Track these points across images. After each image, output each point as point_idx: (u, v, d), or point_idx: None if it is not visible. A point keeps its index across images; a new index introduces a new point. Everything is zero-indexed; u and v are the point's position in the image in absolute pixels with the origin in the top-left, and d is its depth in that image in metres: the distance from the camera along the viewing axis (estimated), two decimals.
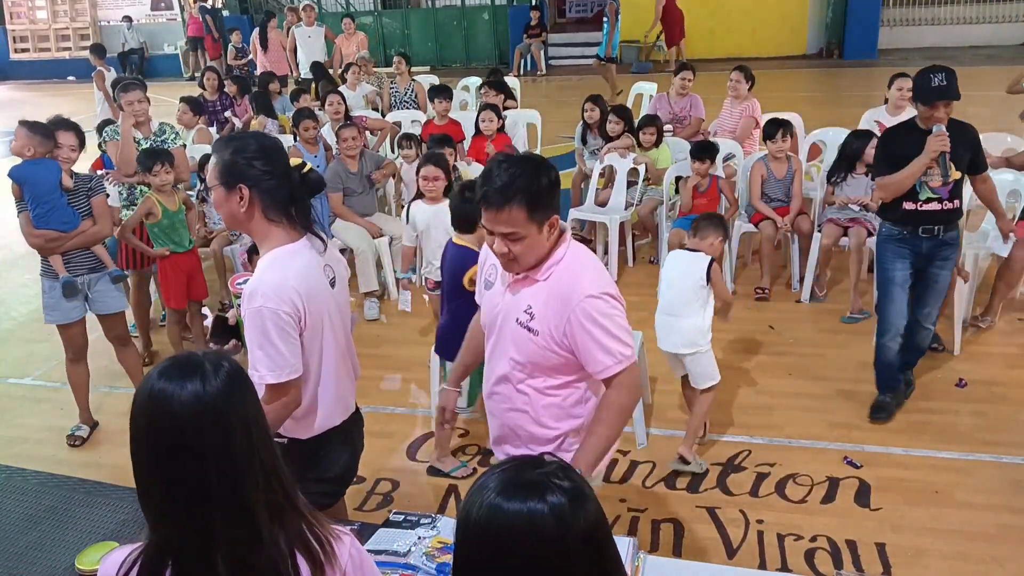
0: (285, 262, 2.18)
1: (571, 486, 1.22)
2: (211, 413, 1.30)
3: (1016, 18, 15.19)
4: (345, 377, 2.50)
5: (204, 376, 1.31)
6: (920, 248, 3.80)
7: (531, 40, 15.56)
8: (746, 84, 6.35)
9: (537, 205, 2.03)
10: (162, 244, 4.66)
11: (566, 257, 2.15)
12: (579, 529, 1.18)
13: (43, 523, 3.48)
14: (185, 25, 17.35)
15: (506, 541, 1.18)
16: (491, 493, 1.21)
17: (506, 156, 2.15)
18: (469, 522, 1.22)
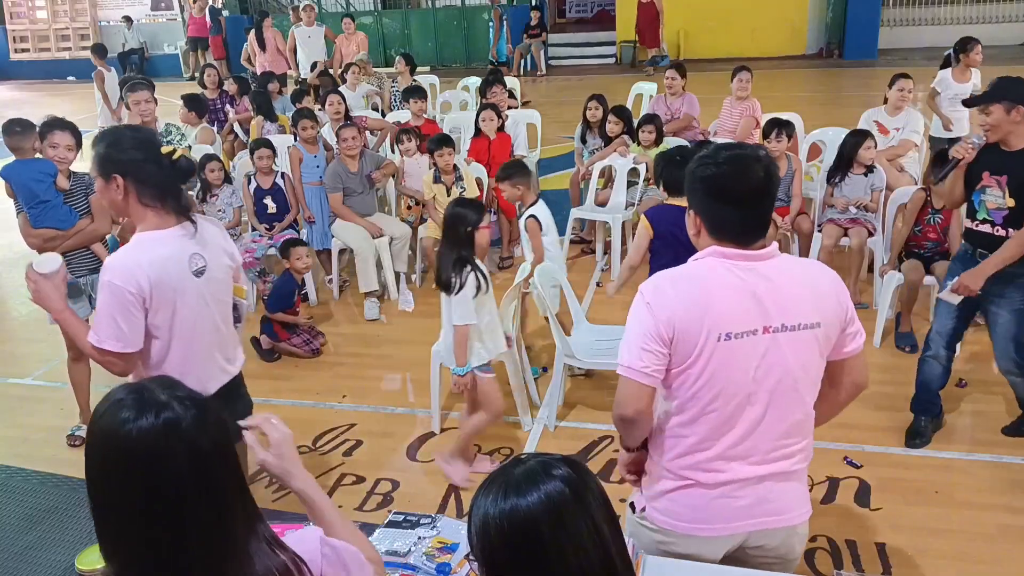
0: (147, 246, 2.40)
1: (562, 458, 1.34)
2: (183, 443, 1.23)
3: (1016, 18, 15.20)
4: (204, 360, 2.61)
5: (167, 407, 1.24)
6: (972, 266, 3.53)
7: (531, 40, 15.56)
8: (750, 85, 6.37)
9: None
10: None
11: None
12: (592, 485, 1.31)
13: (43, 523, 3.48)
14: (185, 25, 17.35)
15: (537, 530, 1.24)
16: (500, 500, 1.26)
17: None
18: (490, 534, 1.26)
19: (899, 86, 5.73)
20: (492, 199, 6.28)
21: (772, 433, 1.96)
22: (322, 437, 4.17)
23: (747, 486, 1.99)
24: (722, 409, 1.94)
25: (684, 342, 1.89)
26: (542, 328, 4.30)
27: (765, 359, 1.90)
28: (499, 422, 3.87)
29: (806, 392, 1.97)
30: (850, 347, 1.99)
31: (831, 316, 1.93)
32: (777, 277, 1.91)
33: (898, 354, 4.65)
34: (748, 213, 1.91)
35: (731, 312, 1.88)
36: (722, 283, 1.90)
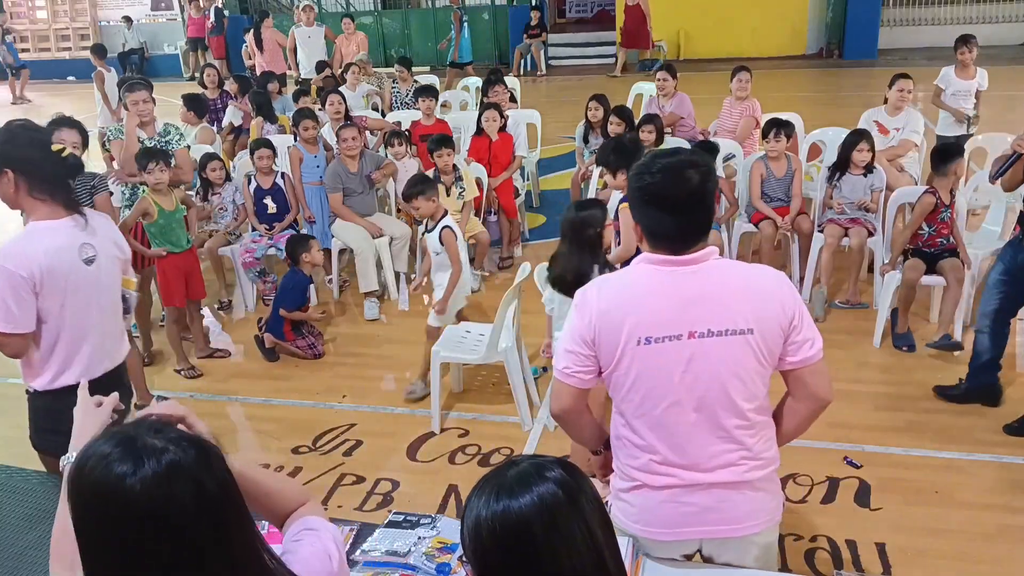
0: (40, 235, 2.54)
1: (556, 460, 1.33)
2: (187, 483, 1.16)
3: (1016, 18, 15.19)
4: (92, 346, 2.75)
5: (165, 451, 1.16)
6: (1018, 258, 3.73)
7: (531, 40, 15.56)
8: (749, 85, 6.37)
9: None
10: (159, 244, 4.67)
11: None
12: (586, 488, 1.31)
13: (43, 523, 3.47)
14: (185, 25, 17.34)
15: (530, 532, 1.23)
16: (493, 502, 1.26)
17: None
18: (483, 536, 1.26)
19: (899, 86, 5.73)
20: (493, 199, 6.28)
21: (708, 439, 1.94)
22: (322, 437, 4.17)
23: (694, 492, 1.97)
24: (651, 413, 1.95)
25: (606, 344, 1.92)
26: (542, 328, 4.29)
27: (691, 364, 1.89)
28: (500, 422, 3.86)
29: (742, 399, 1.92)
30: (797, 357, 1.93)
31: (769, 322, 1.88)
32: (708, 282, 1.90)
33: (897, 354, 4.65)
34: (683, 219, 1.89)
35: (652, 317, 1.88)
36: (646, 288, 1.91)
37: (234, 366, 5.07)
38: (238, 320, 5.72)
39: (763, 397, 1.97)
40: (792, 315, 1.90)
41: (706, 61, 14.24)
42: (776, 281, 1.94)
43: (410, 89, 8.44)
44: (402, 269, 5.83)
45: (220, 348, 5.18)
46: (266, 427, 4.33)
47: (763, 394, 1.96)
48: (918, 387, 4.27)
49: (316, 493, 3.70)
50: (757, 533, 2.02)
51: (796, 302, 1.92)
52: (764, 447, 2.00)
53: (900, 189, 5.15)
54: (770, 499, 2.04)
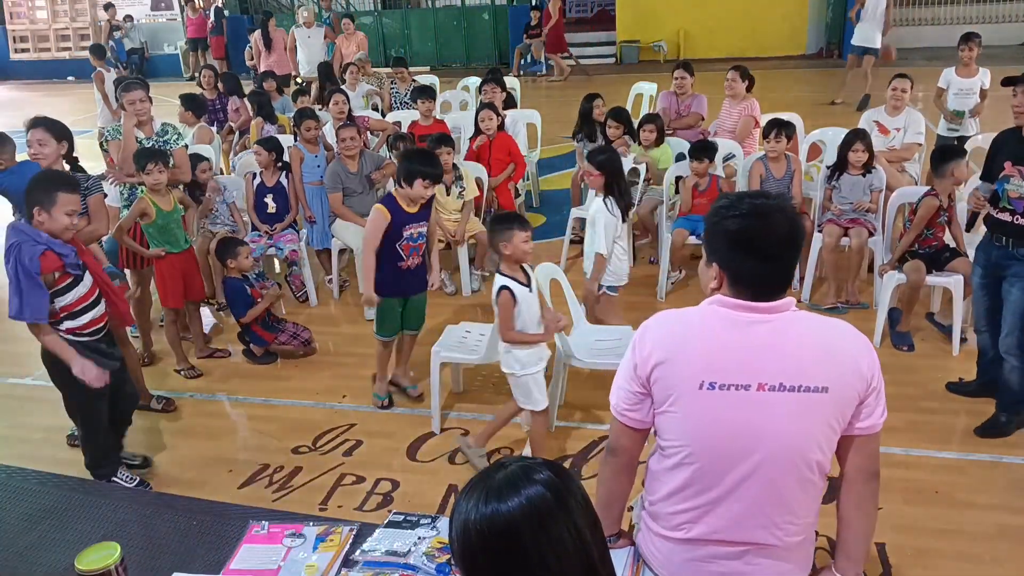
0: None
1: (544, 462, 1.32)
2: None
3: (1016, 18, 15.20)
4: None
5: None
6: (991, 256, 3.77)
7: (531, 40, 15.56)
8: (743, 84, 6.34)
9: None
10: (157, 244, 4.67)
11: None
12: (575, 490, 1.28)
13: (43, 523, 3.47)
14: (185, 25, 17.34)
15: (518, 535, 1.22)
16: (481, 505, 1.25)
17: None
18: (471, 539, 1.25)
19: (892, 86, 5.74)
20: (492, 199, 6.28)
21: (760, 502, 1.81)
22: (322, 437, 4.17)
23: (722, 555, 1.87)
24: (702, 462, 1.82)
25: (662, 384, 1.82)
26: None
27: (757, 418, 1.76)
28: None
29: (807, 465, 1.78)
30: (862, 423, 1.80)
31: (846, 383, 1.75)
32: (785, 333, 1.77)
33: (897, 354, 4.65)
34: (772, 267, 1.78)
35: (719, 361, 1.77)
36: (715, 331, 1.79)
37: (234, 366, 5.07)
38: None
39: (828, 464, 1.83)
40: (870, 379, 1.77)
41: (706, 61, 14.23)
42: (855, 341, 1.80)
43: (409, 88, 8.45)
44: None
45: (220, 348, 5.18)
46: (266, 427, 4.33)
47: (829, 461, 1.83)
48: (918, 387, 4.27)
49: (316, 493, 3.70)
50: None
51: (874, 365, 1.79)
52: (811, 512, 1.88)
53: (900, 189, 5.15)
54: (799, 567, 1.91)
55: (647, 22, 15.94)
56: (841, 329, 1.82)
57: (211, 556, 2.13)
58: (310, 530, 2.20)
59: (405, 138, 6.18)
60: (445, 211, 5.75)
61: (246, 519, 2.26)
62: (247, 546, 2.15)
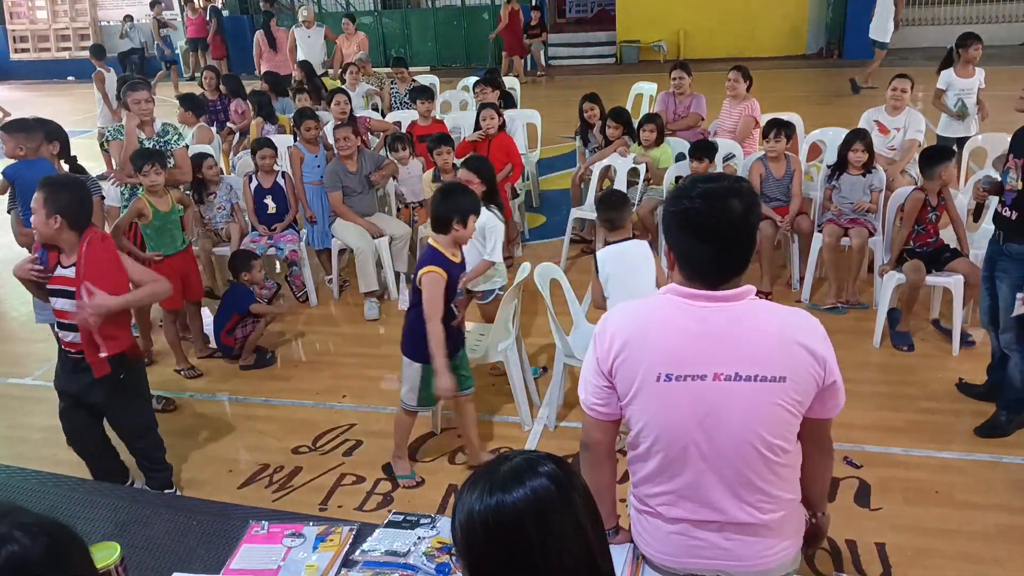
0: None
1: (548, 456, 1.33)
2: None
3: (1016, 18, 15.20)
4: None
5: (9, 539, 1.02)
6: (989, 251, 3.81)
7: (531, 40, 15.56)
8: (744, 84, 6.34)
9: None
10: (154, 245, 4.66)
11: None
12: (578, 484, 1.30)
13: None
14: (184, 25, 17.31)
15: (522, 526, 1.23)
16: (486, 496, 1.25)
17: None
18: (475, 530, 1.25)
19: (892, 86, 5.74)
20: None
21: (729, 483, 1.84)
22: (322, 437, 4.17)
23: (705, 529, 1.90)
24: (667, 451, 1.85)
25: (622, 377, 1.84)
26: (542, 328, 4.30)
27: (715, 408, 1.78)
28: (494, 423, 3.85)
29: (767, 449, 1.80)
30: (816, 412, 1.84)
31: (804, 372, 1.77)
32: (741, 322, 1.78)
33: (897, 354, 4.65)
34: (722, 251, 1.78)
35: (675, 353, 1.78)
36: (671, 322, 1.80)
37: (234, 366, 5.07)
38: None
39: (791, 446, 1.86)
40: (828, 370, 1.79)
41: (706, 61, 14.24)
42: (813, 332, 1.80)
43: (408, 87, 8.44)
44: (402, 269, 5.83)
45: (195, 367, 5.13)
46: (266, 427, 4.33)
47: (791, 444, 1.86)
48: (918, 387, 4.27)
49: (316, 493, 3.70)
50: (774, 567, 1.94)
51: (829, 352, 1.80)
52: (786, 490, 1.90)
53: (899, 189, 5.14)
54: (785, 538, 1.95)
55: (647, 22, 15.94)
56: (800, 319, 1.83)
57: (211, 556, 2.13)
58: (310, 530, 2.20)
59: (403, 138, 6.18)
60: None
61: (246, 519, 2.26)
62: (247, 546, 2.15)
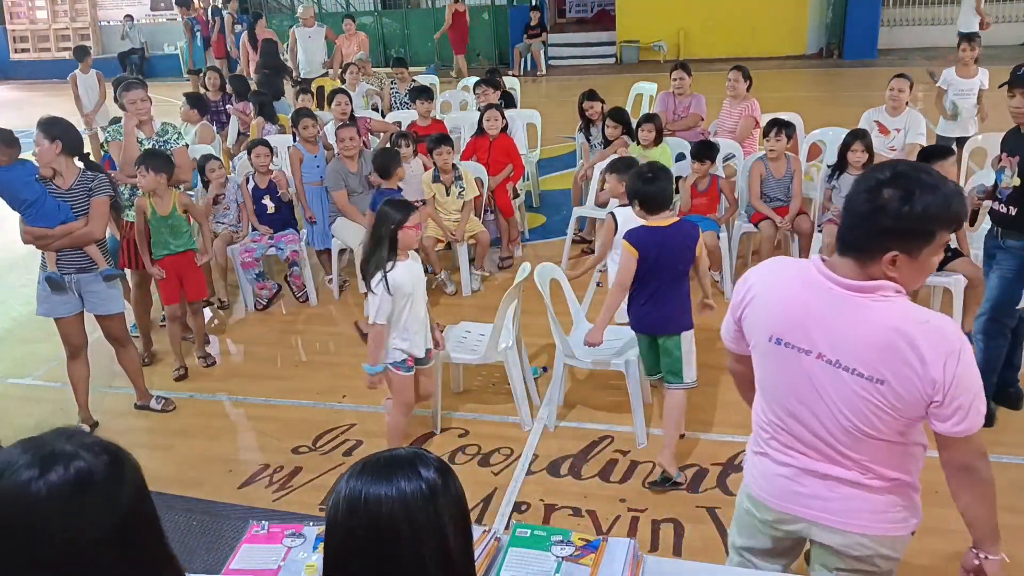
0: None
1: (437, 460, 1.31)
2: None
3: (1016, 18, 15.21)
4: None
5: (76, 457, 1.10)
6: (987, 246, 3.85)
7: (531, 40, 15.56)
8: (744, 84, 6.34)
9: None
10: (153, 243, 4.65)
11: None
12: (458, 497, 1.29)
13: None
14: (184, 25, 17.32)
15: (391, 524, 1.23)
16: (354, 482, 1.27)
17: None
18: (337, 509, 1.26)
19: (890, 86, 5.74)
20: (490, 198, 6.28)
21: (830, 445, 1.90)
22: (322, 437, 4.17)
23: (810, 477, 1.98)
24: (777, 407, 1.98)
25: (747, 327, 2.01)
26: (542, 328, 4.29)
27: (813, 384, 1.86)
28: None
29: (862, 433, 1.85)
30: (936, 425, 1.81)
31: (909, 384, 1.74)
32: (862, 313, 1.78)
33: None
34: (850, 228, 1.82)
35: (790, 320, 1.88)
36: (797, 291, 1.87)
37: (234, 366, 5.07)
38: (238, 320, 5.73)
39: (894, 437, 1.87)
40: (942, 387, 1.73)
41: (706, 61, 14.24)
42: (939, 346, 1.72)
43: (408, 87, 8.44)
44: None
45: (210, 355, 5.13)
46: (266, 427, 4.33)
47: (894, 436, 1.87)
48: None
49: (316, 493, 3.70)
50: (873, 535, 1.97)
51: (949, 371, 1.72)
52: (888, 467, 1.93)
53: None
54: (891, 512, 1.98)
55: (647, 22, 15.94)
56: (928, 330, 1.75)
57: (211, 556, 2.13)
58: (310, 530, 2.20)
59: (407, 136, 6.17)
60: (445, 211, 5.76)
61: (246, 519, 2.26)
62: (247, 546, 2.15)
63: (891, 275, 1.77)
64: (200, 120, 6.96)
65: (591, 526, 3.36)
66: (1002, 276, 3.71)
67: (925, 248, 1.76)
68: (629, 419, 3.92)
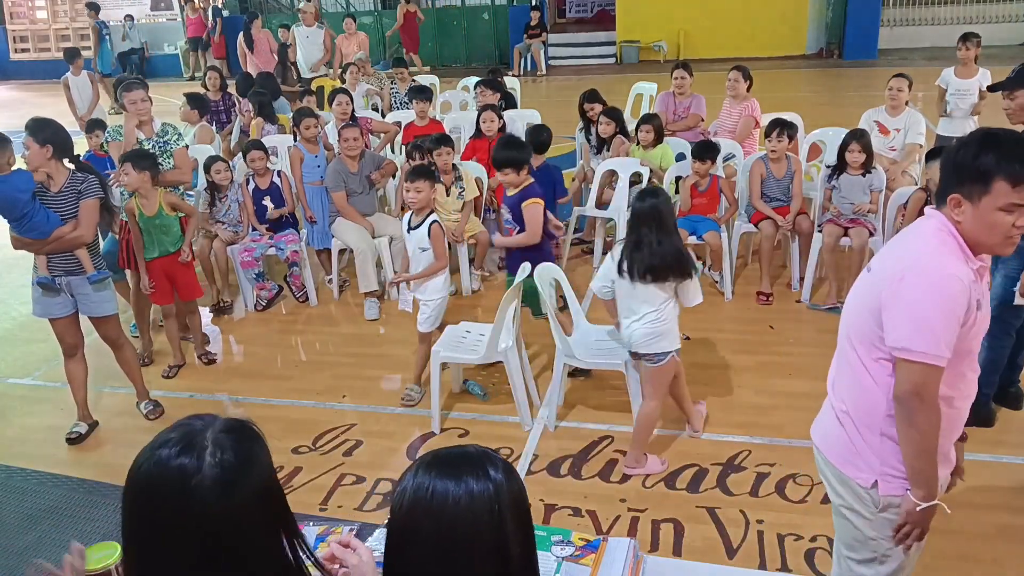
0: None
1: (503, 461, 1.32)
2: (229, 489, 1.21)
3: (1016, 18, 15.21)
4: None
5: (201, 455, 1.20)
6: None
7: (531, 40, 15.57)
8: (744, 84, 6.34)
9: None
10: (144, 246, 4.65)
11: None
12: (521, 500, 1.30)
13: (43, 523, 3.48)
14: (185, 25, 17.34)
15: (467, 520, 1.23)
16: (423, 476, 1.27)
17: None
18: (403, 504, 1.27)
19: (889, 85, 5.75)
20: (491, 199, 6.28)
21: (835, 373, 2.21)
22: (322, 437, 4.17)
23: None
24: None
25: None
26: (542, 328, 4.30)
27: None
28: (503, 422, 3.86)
29: (848, 336, 2.14)
30: (885, 335, 1.98)
31: (883, 270, 2.02)
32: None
33: None
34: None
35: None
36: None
37: (234, 366, 5.07)
38: (238, 320, 5.73)
39: (868, 351, 2.06)
40: (898, 279, 1.95)
41: (706, 61, 14.23)
42: (916, 247, 1.99)
43: (408, 87, 8.44)
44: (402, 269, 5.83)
45: (212, 353, 5.14)
46: (266, 427, 4.28)
47: (868, 344, 2.05)
48: None
49: (316, 493, 3.70)
50: (821, 453, 2.25)
51: (909, 277, 1.93)
52: (852, 401, 2.14)
53: (899, 190, 5.15)
54: (835, 430, 2.20)
55: (647, 22, 15.95)
56: (921, 232, 2.01)
57: None
58: (310, 530, 2.20)
59: (421, 149, 6.13)
60: (445, 211, 5.75)
61: None
62: None
63: (957, 219, 1.95)
64: (200, 121, 6.96)
65: (591, 526, 3.36)
66: (1006, 275, 3.70)
67: (985, 196, 1.89)
68: (629, 419, 3.91)
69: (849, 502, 2.18)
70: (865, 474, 2.12)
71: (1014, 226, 1.90)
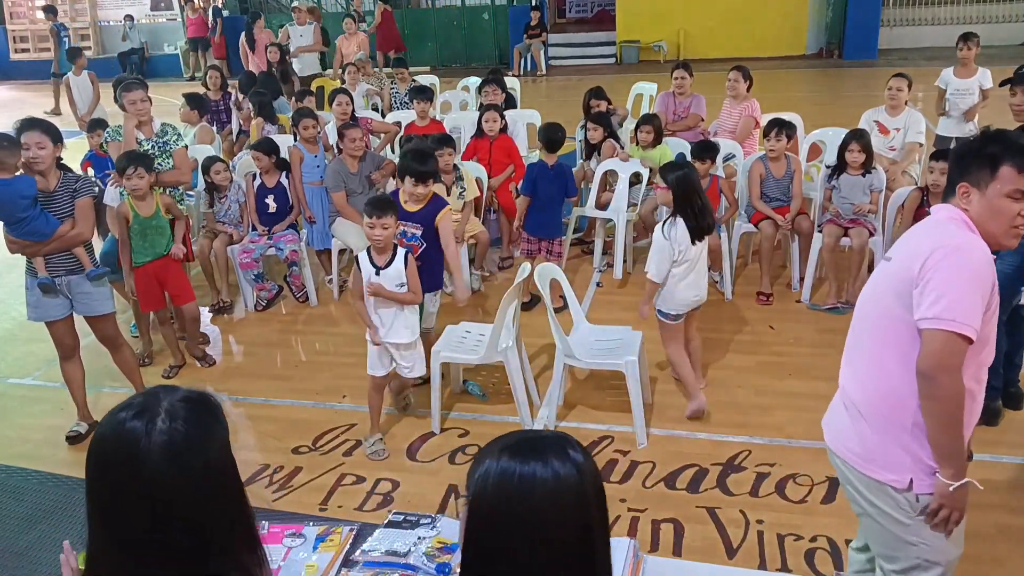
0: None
1: (580, 445, 1.33)
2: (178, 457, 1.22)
3: (1016, 18, 15.20)
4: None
5: (153, 419, 1.22)
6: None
7: (531, 40, 15.56)
8: (744, 84, 6.34)
9: None
10: (136, 247, 4.62)
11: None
12: (599, 481, 1.34)
13: (43, 523, 3.48)
14: (185, 25, 17.34)
15: (531, 501, 1.24)
16: (508, 461, 1.26)
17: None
18: (487, 487, 1.25)
19: (889, 85, 5.75)
20: (491, 199, 6.28)
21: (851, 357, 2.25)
22: (322, 437, 4.17)
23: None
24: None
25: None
26: (542, 328, 4.30)
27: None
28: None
29: (868, 328, 2.19)
30: (914, 313, 1.98)
31: (905, 259, 2.03)
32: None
33: None
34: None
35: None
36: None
37: (234, 366, 5.07)
38: (238, 320, 5.72)
39: (891, 334, 2.08)
40: (923, 261, 1.96)
41: (706, 61, 14.23)
42: (935, 230, 2.05)
43: (408, 87, 8.45)
44: None
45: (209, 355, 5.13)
46: (266, 427, 4.33)
47: (892, 326, 2.07)
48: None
49: (316, 493, 3.70)
50: (845, 461, 2.19)
51: (935, 255, 1.95)
52: (875, 396, 2.13)
53: (899, 190, 5.15)
54: (856, 433, 2.16)
55: (647, 22, 15.94)
56: (937, 221, 2.08)
57: None
58: (310, 530, 2.20)
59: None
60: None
61: None
62: None
63: (964, 207, 2.03)
64: (200, 121, 6.96)
65: None
66: (1002, 271, 3.69)
67: (992, 183, 1.98)
68: (629, 419, 3.92)
69: (882, 507, 2.11)
70: (898, 475, 2.06)
71: (1019, 215, 1.97)
